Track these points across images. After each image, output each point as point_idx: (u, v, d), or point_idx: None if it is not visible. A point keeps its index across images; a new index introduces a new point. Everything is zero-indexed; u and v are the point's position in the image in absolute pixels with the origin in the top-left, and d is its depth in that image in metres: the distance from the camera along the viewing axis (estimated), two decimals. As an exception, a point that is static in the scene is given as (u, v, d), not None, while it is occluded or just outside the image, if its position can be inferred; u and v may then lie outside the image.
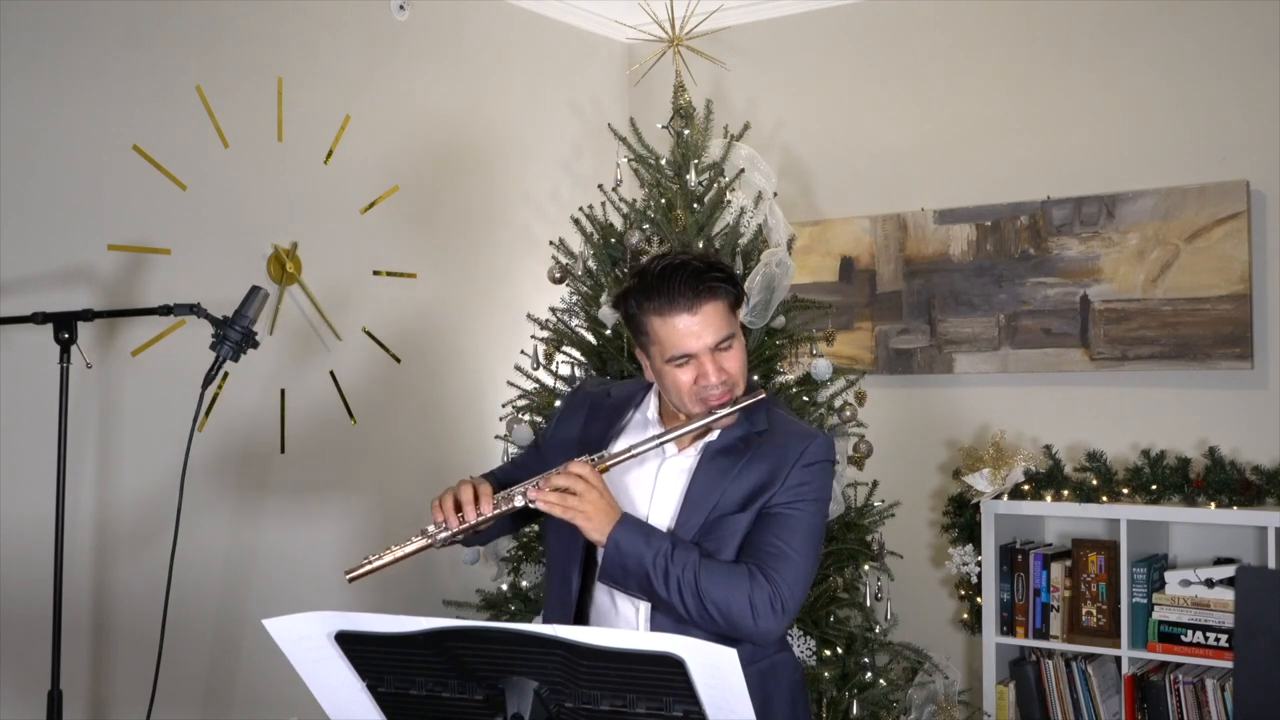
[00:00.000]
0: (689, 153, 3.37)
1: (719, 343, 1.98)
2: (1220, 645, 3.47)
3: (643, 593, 1.94)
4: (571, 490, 1.92)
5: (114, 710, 3.15)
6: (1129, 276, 3.81)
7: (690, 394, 1.99)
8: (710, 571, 1.92)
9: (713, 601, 1.90)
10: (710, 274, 1.98)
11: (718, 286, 1.98)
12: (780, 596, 1.91)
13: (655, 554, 1.91)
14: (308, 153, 3.67)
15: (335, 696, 1.50)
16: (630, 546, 1.91)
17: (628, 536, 1.92)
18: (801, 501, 2.00)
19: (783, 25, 4.56)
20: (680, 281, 1.96)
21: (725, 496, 2.00)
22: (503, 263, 4.30)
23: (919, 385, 4.24)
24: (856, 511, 3.35)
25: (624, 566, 1.91)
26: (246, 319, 2.49)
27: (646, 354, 2.06)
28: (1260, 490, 3.51)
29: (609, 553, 1.91)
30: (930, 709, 3.46)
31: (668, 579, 1.90)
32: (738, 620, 1.90)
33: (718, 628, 1.91)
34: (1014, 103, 4.09)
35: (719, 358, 1.98)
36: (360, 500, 3.83)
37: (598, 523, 1.91)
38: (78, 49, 3.12)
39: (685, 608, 1.91)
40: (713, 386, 1.97)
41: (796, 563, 1.95)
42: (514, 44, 4.38)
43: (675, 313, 1.96)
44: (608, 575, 1.94)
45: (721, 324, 1.98)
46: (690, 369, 1.98)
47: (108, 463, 3.18)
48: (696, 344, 1.96)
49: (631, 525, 1.94)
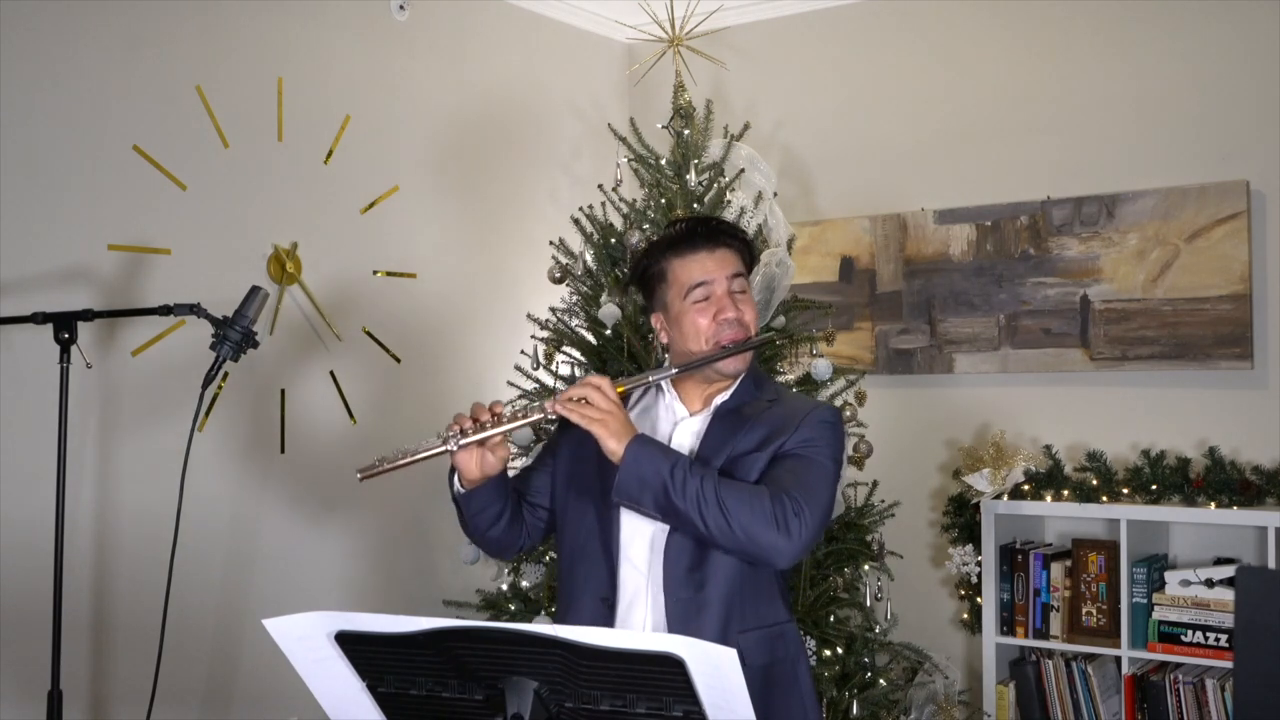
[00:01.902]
0: (689, 153, 3.37)
1: (734, 278, 2.10)
2: (1220, 645, 3.47)
3: (658, 509, 1.93)
4: (588, 400, 1.96)
5: (114, 710, 3.15)
6: (1129, 276, 3.81)
7: (708, 334, 2.08)
8: (729, 485, 1.94)
9: (732, 512, 1.90)
10: (727, 228, 2.17)
11: (733, 241, 2.15)
12: (802, 512, 1.92)
13: (674, 465, 1.93)
14: (308, 153, 3.67)
15: (335, 696, 1.50)
16: (648, 458, 1.93)
17: (646, 448, 1.94)
18: (816, 448, 2.04)
19: (783, 25, 4.56)
20: (699, 229, 2.14)
21: (739, 444, 2.05)
22: (503, 263, 4.30)
23: (919, 385, 4.24)
24: (856, 511, 3.36)
25: (641, 478, 1.91)
26: (246, 319, 2.49)
27: (664, 307, 2.15)
28: (1260, 490, 3.51)
29: (626, 465, 1.92)
30: (930, 709, 3.47)
31: (685, 489, 1.90)
32: (759, 531, 1.90)
33: (736, 541, 1.91)
34: (1014, 103, 4.09)
35: (735, 298, 2.10)
36: (360, 500, 3.83)
37: (614, 430, 1.94)
38: (78, 49, 3.12)
39: (704, 519, 1.90)
40: (729, 323, 2.08)
41: (815, 492, 1.96)
42: (514, 44, 4.38)
43: (694, 251, 2.11)
44: (623, 491, 1.94)
45: (736, 264, 2.13)
46: (708, 308, 2.08)
47: (108, 463, 3.18)
48: (715, 273, 2.09)
49: (649, 440, 1.97)
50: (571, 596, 2.12)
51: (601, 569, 2.07)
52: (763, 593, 2.07)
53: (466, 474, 2.05)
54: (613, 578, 2.07)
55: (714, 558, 2.02)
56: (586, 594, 2.09)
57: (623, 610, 2.06)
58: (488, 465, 2.05)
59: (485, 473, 2.05)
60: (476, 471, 2.05)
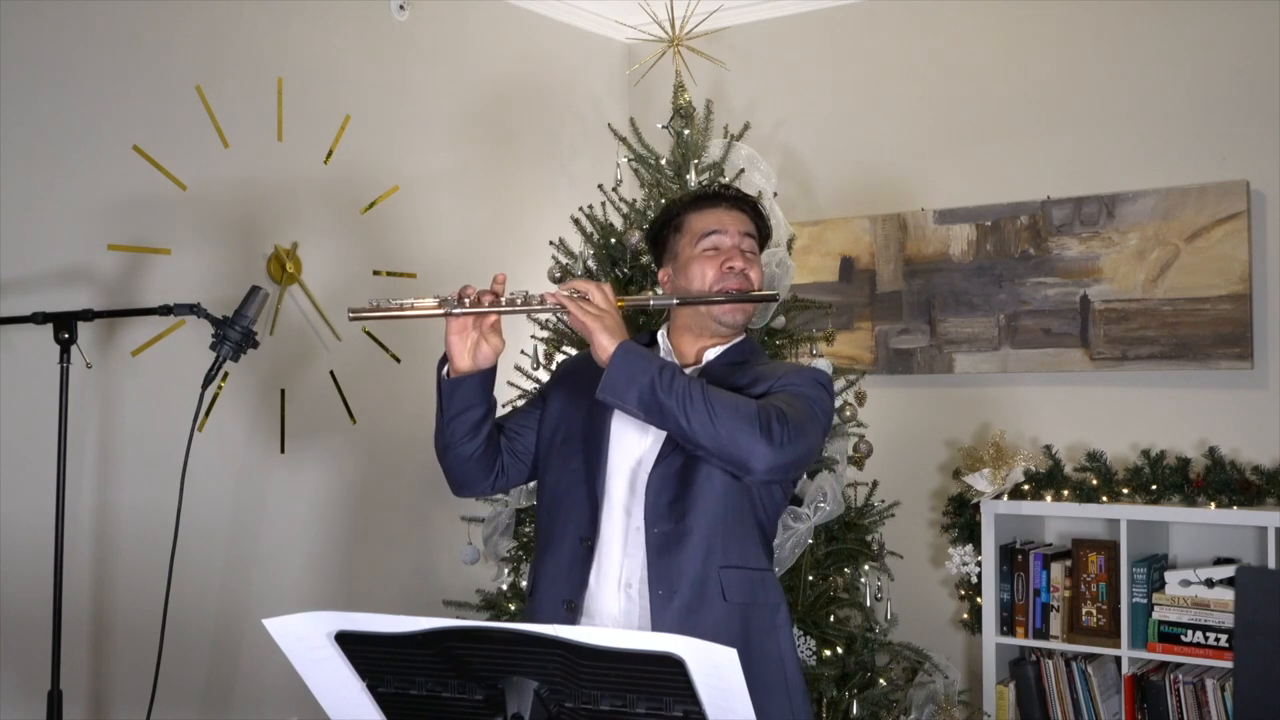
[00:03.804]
0: (689, 153, 3.37)
1: (745, 235, 2.17)
2: (1220, 645, 3.47)
3: (641, 405, 1.93)
4: (588, 296, 1.98)
5: (114, 710, 3.15)
6: (1129, 276, 3.81)
7: (713, 281, 2.12)
8: (717, 390, 1.96)
9: (716, 410, 1.90)
10: (747, 198, 2.24)
11: (750, 209, 2.22)
12: (787, 425, 1.92)
13: (662, 365, 1.94)
14: (308, 153, 3.67)
15: (335, 696, 1.50)
16: (638, 356, 1.94)
17: (637, 348, 1.96)
18: (803, 388, 2.05)
19: (783, 25, 4.56)
20: (721, 189, 2.24)
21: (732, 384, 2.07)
22: (503, 262, 4.29)
23: (919, 385, 4.24)
24: (856, 511, 3.35)
25: (629, 373, 1.92)
26: (246, 319, 2.49)
27: (673, 258, 2.20)
28: (1260, 490, 3.51)
29: (615, 360, 1.92)
30: (930, 709, 3.46)
31: (673, 385, 1.91)
32: (741, 431, 1.90)
33: (717, 440, 1.90)
34: (1014, 103, 4.10)
35: (744, 255, 2.15)
36: (360, 500, 3.83)
37: (609, 327, 1.95)
38: (78, 49, 3.12)
39: (687, 416, 1.90)
40: (735, 273, 2.12)
41: (803, 422, 1.97)
42: (514, 44, 4.39)
43: (712, 207, 2.19)
44: (609, 387, 1.93)
45: (750, 228, 2.19)
46: (716, 257, 2.13)
47: (108, 463, 3.18)
48: (728, 225, 2.16)
49: (640, 346, 1.99)
50: (550, 539, 2.12)
51: (584, 511, 2.07)
52: (747, 534, 2.07)
53: (457, 360, 2.04)
54: (594, 519, 2.06)
55: (698, 489, 2.02)
56: (567, 536, 2.09)
57: (601, 551, 2.06)
58: (480, 355, 2.05)
59: (477, 364, 2.05)
60: (467, 359, 2.04)
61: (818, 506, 3.04)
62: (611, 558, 2.05)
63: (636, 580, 2.03)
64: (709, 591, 2.00)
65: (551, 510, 2.14)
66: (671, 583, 1.99)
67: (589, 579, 2.05)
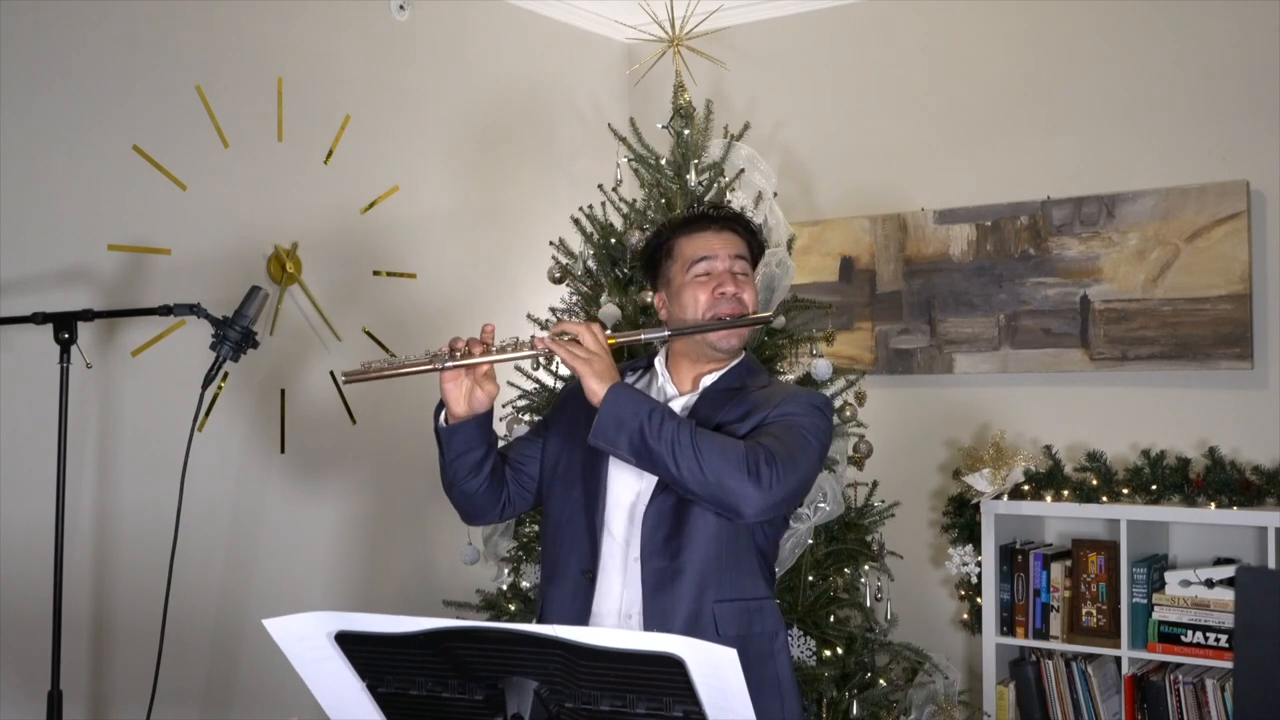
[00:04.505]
0: (689, 153, 3.37)
1: (736, 258, 2.16)
2: (1220, 645, 3.47)
3: (632, 451, 1.94)
4: (579, 339, 1.99)
5: (114, 710, 3.15)
6: (1129, 276, 3.81)
7: (705, 307, 2.12)
8: (706, 433, 1.97)
9: (705, 455, 1.91)
10: (736, 216, 2.23)
11: (740, 228, 2.21)
12: (775, 465, 1.92)
13: (652, 409, 1.95)
14: (308, 153, 3.67)
15: (335, 696, 1.50)
16: (628, 400, 1.95)
17: (627, 392, 1.97)
18: (798, 418, 2.05)
19: (783, 25, 4.56)
20: (709, 212, 2.23)
21: (723, 418, 2.07)
22: (503, 263, 4.30)
23: (919, 385, 4.24)
24: (856, 511, 3.35)
25: (619, 419, 1.93)
26: (246, 319, 2.49)
27: (666, 284, 2.19)
28: (1260, 490, 3.51)
29: (606, 405, 1.94)
30: (930, 709, 3.46)
31: (661, 431, 1.92)
32: (729, 475, 1.91)
33: (706, 486, 1.92)
34: (1014, 103, 4.10)
35: (736, 278, 2.14)
36: (360, 500, 3.83)
37: (599, 371, 1.96)
38: (78, 49, 3.12)
39: (676, 461, 1.91)
40: (728, 298, 2.12)
41: (794, 457, 1.97)
42: (514, 44, 4.38)
43: (701, 230, 2.18)
44: (600, 433, 1.95)
45: (741, 249, 2.18)
46: (708, 282, 2.13)
47: (108, 463, 3.18)
48: (718, 250, 2.15)
49: (631, 387, 2.00)
50: (555, 570, 2.14)
51: (584, 543, 2.09)
52: (743, 566, 2.07)
53: (453, 407, 2.05)
54: (594, 551, 2.08)
55: (691, 527, 2.03)
56: (569, 568, 2.10)
57: (602, 581, 2.07)
58: (475, 401, 2.06)
59: (472, 409, 2.06)
60: (463, 406, 2.05)
61: (817, 507, 3.04)
62: (611, 589, 2.07)
63: (636, 611, 2.05)
64: (703, 626, 2.01)
65: (555, 538, 2.16)
66: (666, 620, 2.01)
67: (591, 609, 2.07)
